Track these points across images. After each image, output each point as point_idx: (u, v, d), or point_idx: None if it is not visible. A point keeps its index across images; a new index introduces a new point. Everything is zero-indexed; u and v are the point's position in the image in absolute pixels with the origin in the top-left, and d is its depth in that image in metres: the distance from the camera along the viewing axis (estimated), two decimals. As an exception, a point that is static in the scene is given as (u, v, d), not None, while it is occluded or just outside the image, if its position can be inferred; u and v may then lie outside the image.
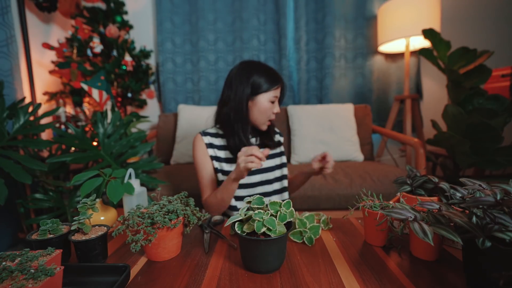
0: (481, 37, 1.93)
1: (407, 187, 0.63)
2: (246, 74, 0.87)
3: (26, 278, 0.36)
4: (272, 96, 0.88)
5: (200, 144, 0.94)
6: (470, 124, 1.33)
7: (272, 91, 0.87)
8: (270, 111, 0.89)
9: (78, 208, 0.57)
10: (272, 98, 0.88)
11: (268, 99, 0.87)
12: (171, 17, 1.96)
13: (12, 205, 1.15)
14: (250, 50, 1.97)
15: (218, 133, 0.96)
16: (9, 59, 1.25)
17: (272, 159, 0.98)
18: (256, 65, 0.89)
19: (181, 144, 1.67)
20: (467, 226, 0.40)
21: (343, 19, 1.94)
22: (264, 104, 0.87)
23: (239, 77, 0.87)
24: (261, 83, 0.86)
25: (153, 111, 2.09)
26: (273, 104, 0.89)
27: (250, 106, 0.88)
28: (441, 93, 1.98)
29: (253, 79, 0.86)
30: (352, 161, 1.65)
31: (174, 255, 0.57)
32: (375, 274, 0.48)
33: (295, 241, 0.61)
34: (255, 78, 0.86)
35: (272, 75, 0.88)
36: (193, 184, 1.31)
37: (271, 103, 0.88)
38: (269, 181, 0.96)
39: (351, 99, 2.00)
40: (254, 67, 0.88)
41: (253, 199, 0.55)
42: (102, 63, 1.62)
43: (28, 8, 1.56)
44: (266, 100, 0.87)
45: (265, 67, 0.89)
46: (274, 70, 0.90)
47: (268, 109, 0.88)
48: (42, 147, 1.02)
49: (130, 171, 0.74)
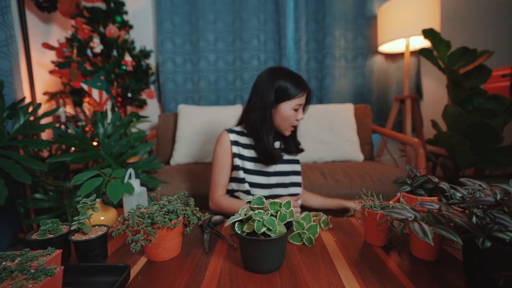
0: (481, 37, 1.93)
1: (407, 187, 0.63)
2: (271, 81, 0.87)
3: (26, 278, 0.36)
4: (296, 104, 0.87)
5: (225, 141, 0.93)
6: (470, 124, 1.33)
7: (296, 99, 0.87)
8: (293, 118, 0.89)
9: (78, 208, 0.57)
10: (295, 106, 0.87)
11: (291, 107, 0.87)
12: (171, 17, 1.96)
13: (12, 205, 1.15)
14: (250, 50, 1.97)
15: (243, 132, 0.97)
16: (9, 59, 1.25)
17: (289, 164, 0.99)
18: (282, 72, 0.89)
19: (181, 144, 1.67)
20: (467, 226, 0.40)
21: (343, 19, 1.94)
22: (287, 111, 0.88)
23: (265, 84, 0.88)
24: (285, 91, 0.86)
25: (153, 111, 2.08)
26: (296, 111, 0.89)
27: (273, 113, 0.90)
28: (441, 93, 1.98)
29: (277, 86, 0.87)
30: (352, 161, 1.65)
31: (174, 255, 0.57)
32: (375, 274, 0.48)
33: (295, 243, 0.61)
34: (279, 86, 0.87)
35: (297, 83, 0.87)
36: (193, 184, 1.31)
37: (295, 110, 0.88)
38: (285, 185, 0.96)
39: (351, 99, 2.00)
40: (279, 74, 0.88)
41: (253, 199, 0.55)
42: (102, 63, 1.62)
43: (28, 8, 1.56)
44: (290, 108, 0.87)
45: (291, 74, 0.88)
46: (300, 77, 0.89)
47: (291, 117, 0.89)
48: (42, 147, 1.02)
49: (130, 171, 0.74)
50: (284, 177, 0.97)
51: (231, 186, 0.96)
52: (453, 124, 1.44)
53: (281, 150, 0.98)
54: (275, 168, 0.96)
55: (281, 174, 0.97)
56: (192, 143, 1.66)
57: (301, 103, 0.89)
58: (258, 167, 0.94)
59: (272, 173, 0.95)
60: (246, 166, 0.93)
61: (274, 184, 0.95)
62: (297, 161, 1.02)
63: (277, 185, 0.95)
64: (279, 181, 0.96)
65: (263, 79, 0.89)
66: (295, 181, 0.98)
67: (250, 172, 0.92)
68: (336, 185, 1.29)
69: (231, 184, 0.96)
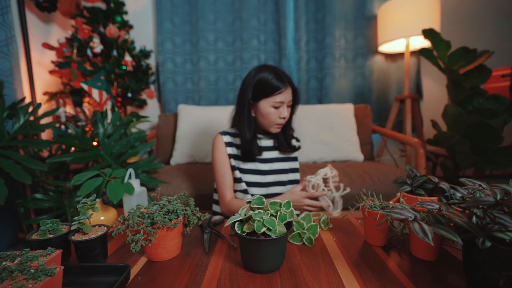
0: (481, 37, 1.93)
1: (407, 187, 0.63)
2: (252, 79, 0.88)
3: (26, 278, 0.36)
4: (275, 101, 0.86)
5: (220, 143, 0.95)
6: (470, 124, 1.33)
7: (275, 96, 0.86)
8: (273, 116, 0.88)
9: (78, 208, 0.57)
10: (275, 104, 0.87)
11: (270, 104, 0.87)
12: (171, 17, 1.96)
13: (12, 205, 1.15)
14: (250, 50, 1.97)
15: (236, 133, 0.97)
16: (9, 59, 1.25)
17: (286, 162, 1.00)
18: (264, 69, 0.88)
19: (181, 144, 1.67)
20: (467, 226, 0.40)
21: (343, 19, 1.94)
22: (266, 109, 0.88)
23: (247, 81, 0.89)
24: (263, 88, 0.87)
25: (153, 111, 2.08)
26: (277, 109, 0.88)
27: (255, 110, 0.90)
28: (441, 93, 1.98)
29: (255, 83, 0.87)
30: (352, 161, 1.65)
31: (174, 255, 0.57)
32: (375, 274, 0.48)
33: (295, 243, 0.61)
34: (258, 83, 0.87)
35: (276, 80, 0.86)
36: (193, 184, 1.31)
37: (275, 108, 0.88)
38: (283, 183, 0.97)
39: (351, 99, 2.00)
40: (261, 71, 0.88)
41: (253, 199, 0.55)
42: (102, 63, 1.62)
43: (28, 8, 1.56)
44: (268, 105, 0.87)
45: (272, 71, 0.87)
46: (280, 74, 0.87)
47: (271, 114, 0.88)
48: (42, 147, 1.02)
49: (130, 171, 0.74)
50: (281, 175, 0.97)
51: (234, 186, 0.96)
52: (453, 124, 1.44)
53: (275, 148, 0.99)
54: (271, 166, 0.96)
55: (278, 172, 0.97)
56: (192, 143, 1.66)
57: (282, 101, 0.86)
58: (254, 166, 0.94)
59: (268, 171, 0.95)
60: (241, 166, 0.94)
61: (271, 182, 0.95)
62: (295, 159, 1.02)
63: (275, 183, 0.96)
64: (276, 179, 0.96)
65: (248, 76, 0.90)
66: (294, 179, 0.99)
67: (246, 171, 0.94)
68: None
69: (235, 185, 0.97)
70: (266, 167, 0.96)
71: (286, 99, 0.87)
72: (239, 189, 0.93)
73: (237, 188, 0.94)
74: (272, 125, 0.90)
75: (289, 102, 0.89)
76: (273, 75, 0.86)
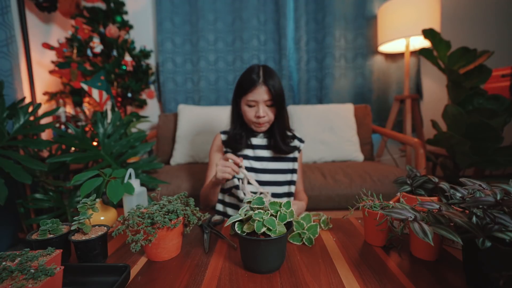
0: (481, 37, 1.93)
1: (407, 187, 0.63)
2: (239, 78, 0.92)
3: (26, 278, 0.36)
4: (247, 100, 0.88)
5: (217, 141, 1.02)
6: (470, 124, 1.33)
7: (248, 94, 0.87)
8: (249, 114, 0.89)
9: (78, 208, 0.57)
10: (248, 102, 0.88)
11: (244, 103, 0.89)
12: (171, 17, 1.96)
13: (12, 205, 1.15)
14: (250, 50, 1.97)
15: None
16: (9, 59, 1.25)
17: (285, 162, 0.99)
18: (248, 69, 0.90)
19: (181, 144, 1.67)
20: (467, 226, 0.40)
21: (343, 19, 1.94)
22: (243, 107, 0.91)
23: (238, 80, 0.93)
24: (239, 87, 0.90)
25: (153, 111, 2.09)
26: (251, 107, 0.89)
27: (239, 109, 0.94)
28: (441, 93, 1.98)
29: (237, 83, 0.92)
30: (352, 161, 1.65)
31: (174, 255, 0.57)
32: (375, 274, 0.48)
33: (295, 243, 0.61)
34: (237, 83, 0.92)
35: (248, 80, 0.86)
36: (193, 184, 1.31)
37: (249, 106, 0.89)
38: (279, 183, 0.96)
39: (351, 99, 2.00)
40: (245, 72, 0.90)
41: (253, 199, 0.55)
42: (102, 63, 1.62)
43: (28, 8, 1.56)
44: (244, 104, 0.90)
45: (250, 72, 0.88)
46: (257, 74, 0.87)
47: (246, 112, 0.90)
48: (42, 147, 1.02)
49: (130, 171, 0.74)
50: (278, 175, 0.97)
51: (227, 184, 0.97)
52: (453, 124, 1.44)
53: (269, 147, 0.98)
54: (265, 165, 0.96)
55: (273, 172, 0.96)
56: (192, 143, 1.66)
57: (255, 100, 0.86)
58: (248, 164, 0.95)
59: (261, 170, 0.95)
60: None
61: (266, 181, 0.95)
62: (294, 159, 1.00)
63: (270, 182, 0.95)
64: (272, 179, 0.95)
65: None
66: (292, 180, 0.98)
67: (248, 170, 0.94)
68: (336, 185, 1.29)
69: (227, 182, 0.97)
70: (260, 165, 0.96)
71: (260, 98, 0.86)
72: (232, 185, 0.94)
73: (233, 185, 0.94)
74: (250, 123, 0.92)
75: (265, 101, 0.87)
76: (249, 75, 0.87)
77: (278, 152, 0.98)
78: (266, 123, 0.92)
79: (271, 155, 0.98)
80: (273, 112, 0.90)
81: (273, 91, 0.86)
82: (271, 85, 0.86)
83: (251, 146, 0.97)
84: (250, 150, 0.97)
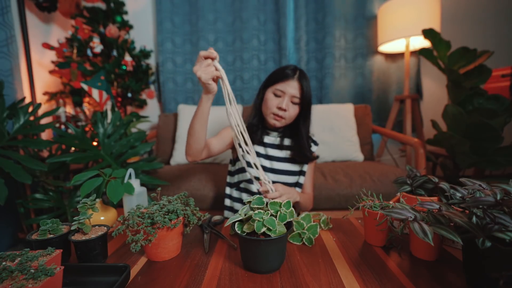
0: (481, 37, 1.93)
1: (407, 187, 0.63)
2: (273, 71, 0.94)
3: (26, 278, 0.36)
4: (275, 88, 0.88)
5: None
6: (470, 124, 1.33)
7: (278, 84, 0.88)
8: (271, 102, 0.89)
9: (78, 208, 0.57)
10: (276, 91, 0.88)
11: (271, 91, 0.90)
12: (171, 17, 1.96)
13: (12, 205, 1.15)
14: (250, 50, 1.97)
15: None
16: (9, 59, 1.25)
17: (295, 164, 0.98)
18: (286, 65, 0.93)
19: (181, 144, 1.67)
20: (467, 226, 0.40)
21: (343, 19, 1.94)
22: (267, 95, 0.91)
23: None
24: (271, 76, 0.91)
25: (153, 111, 2.09)
26: (277, 97, 0.89)
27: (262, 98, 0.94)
28: (441, 93, 1.98)
29: (270, 74, 0.93)
30: (352, 161, 1.65)
31: (174, 255, 0.57)
32: (375, 274, 0.48)
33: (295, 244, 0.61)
34: (271, 73, 0.93)
35: (282, 71, 0.89)
36: (193, 184, 1.31)
37: (275, 95, 0.89)
38: (288, 185, 0.95)
39: (351, 99, 2.00)
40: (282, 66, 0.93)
41: (253, 199, 0.55)
42: (102, 63, 1.62)
43: (28, 8, 1.56)
44: (270, 92, 0.90)
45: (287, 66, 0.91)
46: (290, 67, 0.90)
47: (268, 100, 0.89)
48: (42, 147, 1.02)
49: (130, 171, 0.74)
50: (286, 176, 0.95)
51: (238, 178, 0.97)
52: (453, 124, 1.44)
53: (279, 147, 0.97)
54: (275, 165, 0.96)
55: (281, 173, 0.95)
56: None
57: (283, 90, 0.87)
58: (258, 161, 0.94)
59: (269, 169, 0.95)
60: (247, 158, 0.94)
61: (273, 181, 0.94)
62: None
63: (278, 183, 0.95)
64: (280, 180, 0.95)
65: None
66: (299, 182, 0.98)
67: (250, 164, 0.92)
68: (336, 185, 1.29)
69: (237, 176, 0.97)
70: (269, 164, 0.95)
71: (289, 91, 0.87)
72: (244, 179, 0.95)
73: (242, 178, 0.95)
74: (269, 113, 0.90)
75: (293, 96, 0.87)
76: (285, 68, 0.89)
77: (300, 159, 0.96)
78: (283, 120, 0.90)
79: (283, 156, 0.97)
80: (295, 112, 0.90)
81: (304, 89, 0.87)
82: (304, 84, 0.88)
83: (263, 143, 0.96)
84: (262, 147, 0.96)
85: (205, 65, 0.68)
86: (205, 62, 0.68)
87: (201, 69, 0.68)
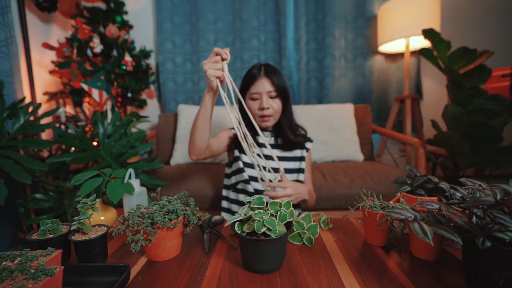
0: (481, 37, 1.93)
1: (407, 187, 0.63)
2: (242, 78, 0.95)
3: (26, 278, 0.36)
4: (250, 93, 0.90)
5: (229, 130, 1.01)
6: (470, 124, 1.33)
7: (249, 89, 0.90)
8: (253, 107, 0.91)
9: (78, 208, 0.57)
10: (251, 96, 0.91)
11: (248, 98, 0.92)
12: (171, 17, 1.96)
13: (12, 205, 1.15)
14: (250, 50, 1.97)
15: None
16: (9, 59, 1.25)
17: (292, 162, 0.99)
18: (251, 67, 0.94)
19: (181, 144, 1.67)
20: (467, 226, 0.40)
21: (343, 19, 1.94)
22: (247, 102, 0.93)
23: None
24: (242, 84, 0.94)
25: (153, 111, 2.08)
26: (255, 100, 0.91)
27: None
28: (441, 93, 1.98)
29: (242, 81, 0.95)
30: (352, 161, 1.65)
31: (174, 255, 0.57)
32: (375, 274, 0.48)
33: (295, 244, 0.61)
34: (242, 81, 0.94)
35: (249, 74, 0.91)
36: (193, 184, 1.31)
37: (253, 100, 0.91)
38: None
39: (351, 99, 2.00)
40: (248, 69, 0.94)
41: (253, 199, 0.55)
42: (102, 63, 1.62)
43: (28, 8, 1.56)
44: (248, 99, 0.92)
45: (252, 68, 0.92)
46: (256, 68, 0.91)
47: (250, 106, 0.92)
48: (42, 147, 1.02)
49: (130, 171, 0.74)
50: (286, 174, 0.96)
51: (235, 179, 0.97)
52: (453, 124, 1.44)
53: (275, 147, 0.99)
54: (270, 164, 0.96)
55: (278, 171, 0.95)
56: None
57: (258, 91, 0.89)
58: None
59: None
60: (243, 159, 0.95)
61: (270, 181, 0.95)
62: (301, 158, 1.00)
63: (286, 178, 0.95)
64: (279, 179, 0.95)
65: None
66: (299, 180, 0.98)
67: (246, 165, 0.95)
68: (336, 185, 1.29)
69: (233, 177, 0.97)
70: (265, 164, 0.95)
71: (262, 89, 0.88)
72: (241, 180, 0.95)
73: (239, 179, 0.95)
74: (256, 117, 0.92)
75: (269, 92, 0.89)
76: (251, 71, 0.91)
77: (287, 145, 0.97)
78: (272, 117, 0.92)
79: (278, 155, 0.98)
80: (278, 105, 0.91)
81: (275, 82, 0.88)
82: (273, 77, 0.88)
83: (258, 144, 0.97)
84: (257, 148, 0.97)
85: (213, 60, 0.71)
86: (214, 58, 0.71)
87: (208, 63, 0.71)
